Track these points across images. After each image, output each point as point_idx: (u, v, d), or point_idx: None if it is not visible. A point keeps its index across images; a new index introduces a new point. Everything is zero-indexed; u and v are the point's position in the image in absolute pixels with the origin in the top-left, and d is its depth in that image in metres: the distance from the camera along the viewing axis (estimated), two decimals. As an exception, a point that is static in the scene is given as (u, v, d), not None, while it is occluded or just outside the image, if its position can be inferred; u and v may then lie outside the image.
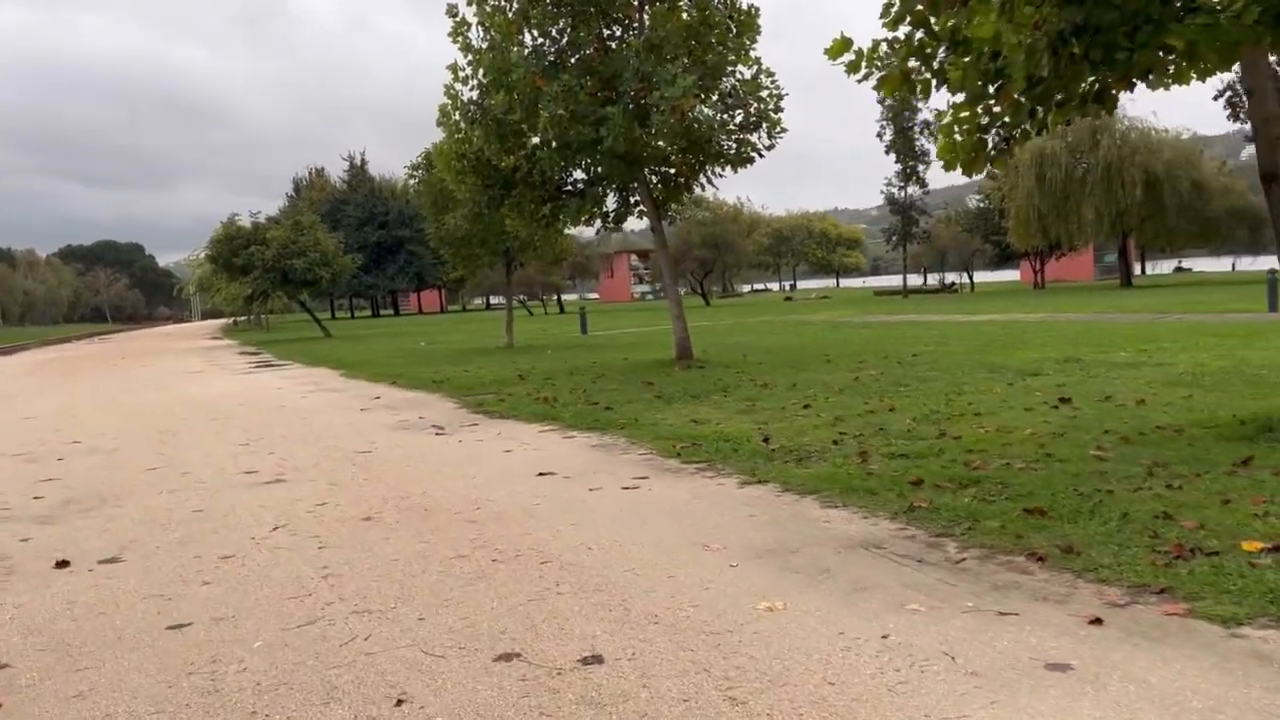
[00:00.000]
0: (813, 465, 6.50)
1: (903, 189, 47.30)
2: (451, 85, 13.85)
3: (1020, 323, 21.20)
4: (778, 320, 30.34)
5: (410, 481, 6.95)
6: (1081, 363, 11.74)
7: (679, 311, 14.89)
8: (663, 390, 11.42)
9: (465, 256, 23.07)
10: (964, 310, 29.22)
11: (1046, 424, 7.42)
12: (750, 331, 24.22)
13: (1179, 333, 15.38)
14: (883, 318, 27.65)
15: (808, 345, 17.76)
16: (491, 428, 9.59)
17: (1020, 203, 42.57)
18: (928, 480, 5.66)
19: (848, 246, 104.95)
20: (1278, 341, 12.85)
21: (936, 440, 7.01)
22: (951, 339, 17.02)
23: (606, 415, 9.63)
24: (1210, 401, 7.96)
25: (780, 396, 10.23)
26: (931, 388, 10.21)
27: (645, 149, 13.00)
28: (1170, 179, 40.68)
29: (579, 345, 22.97)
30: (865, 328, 23.00)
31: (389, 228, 77.93)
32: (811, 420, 8.43)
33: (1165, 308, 23.11)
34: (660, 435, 8.18)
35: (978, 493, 5.33)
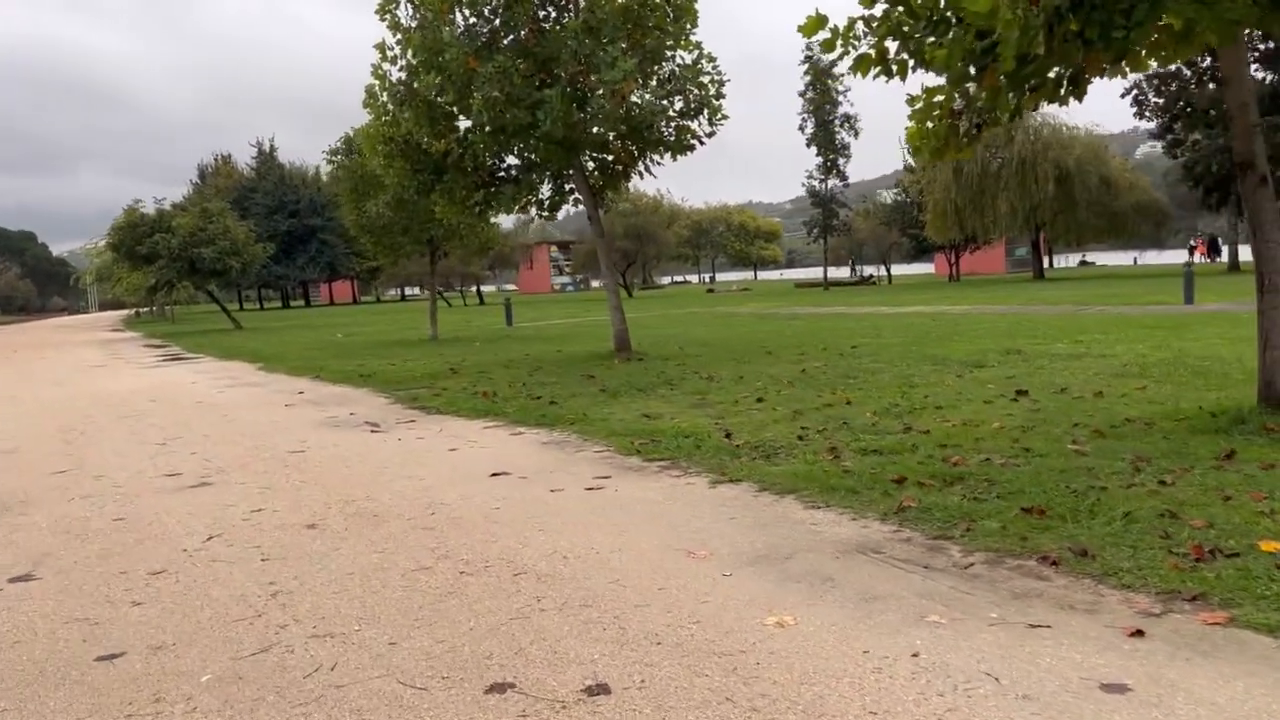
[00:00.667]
0: (783, 462, 6.22)
1: (823, 182, 47.68)
2: (379, 65, 13.24)
3: (947, 315, 21.38)
4: (705, 312, 30.20)
5: (352, 484, 6.46)
6: (1023, 354, 11.74)
7: (617, 303, 14.53)
8: (606, 384, 11.05)
9: (387, 245, 22.32)
10: (888, 302, 29.47)
11: (1011, 417, 7.28)
12: (680, 323, 23.98)
13: (1107, 324, 15.60)
14: (809, 309, 27.71)
15: (743, 337, 17.58)
16: (431, 424, 9.10)
17: (938, 196, 43.28)
18: (910, 478, 5.42)
19: (765, 239, 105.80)
20: (1206, 333, 13.07)
21: (904, 435, 6.80)
22: (885, 331, 17.01)
23: (552, 410, 9.23)
24: (1166, 393, 7.93)
25: (729, 390, 9.96)
26: (881, 380, 10.05)
27: (583, 134, 12.59)
28: (1080, 174, 41.77)
29: (506, 337, 22.44)
30: (795, 320, 22.96)
31: (300, 216, 75.78)
32: (768, 414, 8.17)
33: (1085, 300, 23.59)
34: (614, 431, 7.82)
35: (965, 491, 5.10)
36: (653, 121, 12.42)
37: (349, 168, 21.24)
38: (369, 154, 14.38)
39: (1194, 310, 18.14)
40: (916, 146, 6.76)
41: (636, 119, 12.34)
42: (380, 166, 14.23)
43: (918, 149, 6.79)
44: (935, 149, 6.71)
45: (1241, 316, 15.63)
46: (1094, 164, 42.69)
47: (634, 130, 12.64)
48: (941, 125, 6.37)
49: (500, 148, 13.18)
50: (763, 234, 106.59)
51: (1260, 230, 5.99)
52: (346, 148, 21.40)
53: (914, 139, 6.67)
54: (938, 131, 6.48)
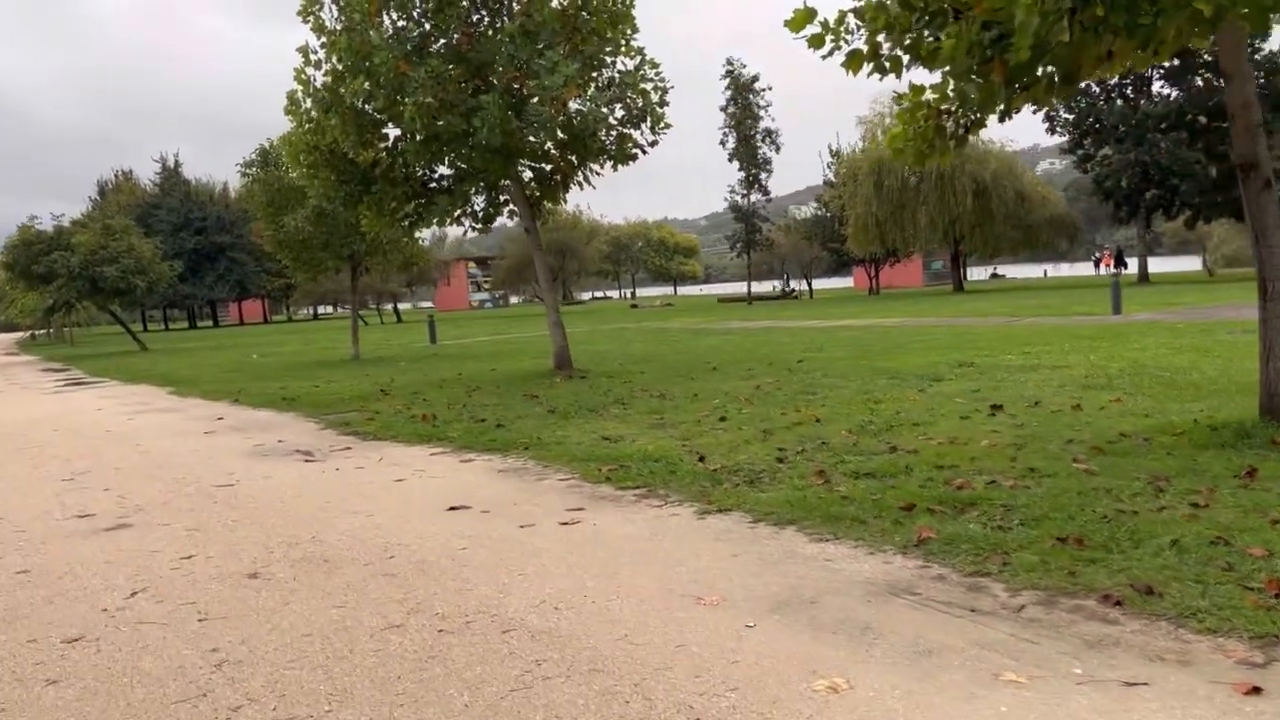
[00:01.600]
0: (769, 488, 5.75)
1: (745, 196, 47.75)
2: (302, 70, 12.48)
3: (880, 328, 21.30)
4: (634, 327, 29.76)
5: (293, 522, 5.79)
6: (976, 367, 11.53)
7: (557, 318, 13.95)
8: (553, 404, 10.48)
9: (306, 261, 21.33)
10: (816, 316, 29.44)
11: (996, 434, 6.94)
12: (612, 339, 23.48)
13: (1046, 335, 15.58)
14: (740, 324, 27.47)
15: (681, 352, 17.16)
16: (369, 452, 8.42)
17: (859, 210, 43.68)
18: (918, 504, 5.00)
19: (685, 255, 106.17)
20: (1148, 343, 13.06)
21: (892, 455, 6.40)
22: (825, 345, 16.76)
23: (501, 434, 8.62)
24: (1146, 405, 7.70)
25: (686, 408, 9.49)
26: (842, 396, 9.69)
27: (522, 142, 12.03)
28: (997, 188, 42.62)
29: (433, 356, 21.64)
30: (729, 334, 22.65)
31: (207, 233, 73.19)
32: (737, 434, 7.70)
33: (1013, 311, 23.80)
34: (575, 456, 7.27)
35: (983, 518, 4.69)
36: (595, 129, 11.92)
37: (265, 180, 20.25)
38: (291, 164, 13.57)
39: (1124, 320, 18.33)
40: (900, 149, 6.39)
41: (578, 127, 11.83)
42: (304, 177, 13.44)
43: (900, 151, 6.43)
44: (919, 152, 6.36)
45: (1176, 326, 15.79)
46: (1009, 178, 43.62)
47: (575, 139, 12.12)
48: (929, 126, 6.01)
49: (433, 157, 12.52)
50: (682, 250, 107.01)
51: (1264, 235, 5.76)
52: (262, 159, 20.41)
53: (898, 141, 6.31)
54: (924, 133, 6.12)
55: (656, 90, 12.35)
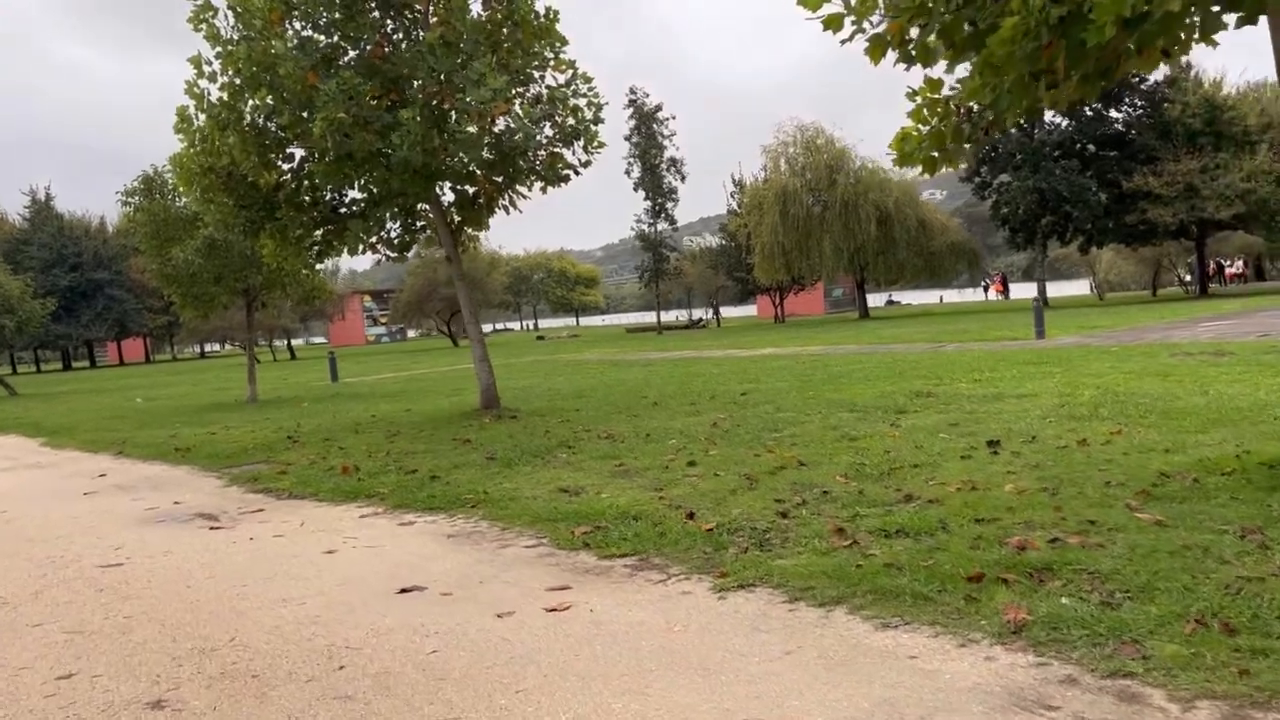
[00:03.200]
0: (787, 553, 4.86)
1: (652, 225, 47.26)
2: (194, 83, 11.20)
3: (806, 356, 20.75)
4: (548, 360, 28.68)
5: (205, 618, 4.64)
6: (936, 397, 10.91)
7: (483, 353, 12.85)
8: (490, 449, 9.41)
9: (196, 296, 19.65)
10: (733, 345, 28.86)
11: (1013, 475, 6.20)
12: (530, 373, 22.38)
13: (984, 361, 15.16)
14: (659, 355, 26.69)
15: (610, 386, 16.21)
16: (287, 514, 7.23)
17: (766, 239, 43.54)
18: (986, 572, 4.16)
19: (586, 285, 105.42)
20: (1098, 367, 12.68)
21: (911, 506, 5.58)
22: (760, 376, 16.04)
23: (440, 488, 7.54)
24: (1154, 439, 7.08)
25: (644, 451, 8.55)
26: (809, 432, 8.89)
27: (445, 162, 10.98)
28: (900, 216, 43.04)
29: (337, 395, 20.19)
30: (651, 366, 21.81)
31: (83, 270, 69.21)
32: (716, 483, 6.80)
33: (933, 337, 23.59)
34: (536, 515, 6.26)
35: (1071, 589, 3.89)
36: (527, 148, 10.95)
37: (149, 209, 18.62)
38: (184, 188, 12.20)
39: (1050, 345, 18.14)
40: (908, 153, 5.63)
41: (508, 145, 10.85)
42: (197, 202, 12.09)
43: (908, 156, 5.67)
44: (928, 159, 5.61)
45: (1112, 350, 15.56)
46: (911, 206, 44.14)
47: (504, 158, 11.14)
48: (948, 126, 5.26)
49: (345, 178, 11.36)
50: (583, 280, 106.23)
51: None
52: (146, 187, 18.78)
53: (908, 144, 5.54)
54: (939, 135, 5.37)
55: (590, 106, 11.47)
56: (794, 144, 44.38)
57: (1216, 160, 37.50)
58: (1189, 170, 37.29)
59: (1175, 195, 37.49)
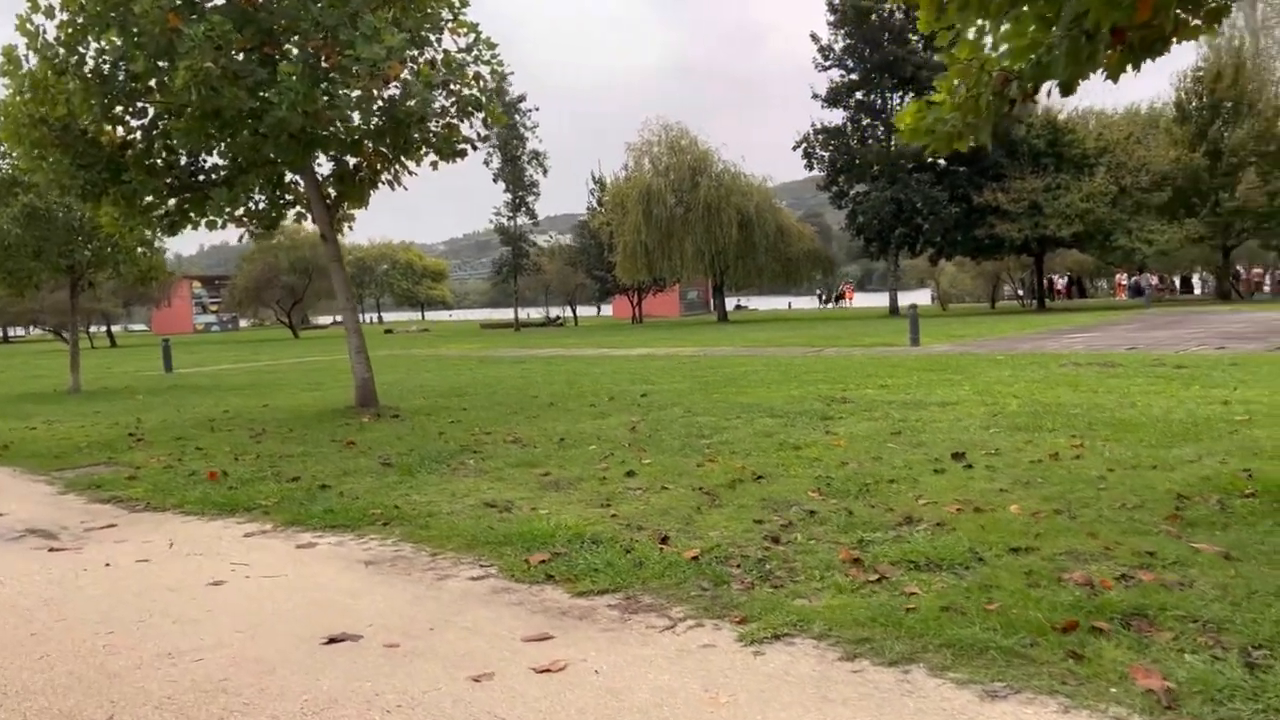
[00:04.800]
0: (805, 590, 4.07)
1: (512, 219, 45.95)
2: (27, 18, 9.53)
3: (684, 357, 20.17)
4: (405, 354, 27.12)
5: (64, 684, 3.47)
6: (852, 402, 10.40)
7: (360, 344, 11.58)
8: (381, 453, 8.28)
9: (10, 272, 17.36)
10: (604, 345, 28.09)
11: (1006, 494, 5.61)
12: (390, 368, 20.91)
13: (876, 367, 14.89)
14: (528, 352, 25.63)
15: (492, 384, 15.12)
16: (148, 530, 5.96)
17: (628, 237, 43.01)
18: (1078, 620, 3.48)
19: (433, 279, 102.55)
20: (999, 375, 12.52)
21: (918, 531, 4.89)
22: (651, 376, 15.30)
23: (336, 500, 6.41)
24: (1125, 455, 6.67)
25: (565, 459, 7.62)
26: (740, 438, 8.16)
27: (330, 127, 9.72)
28: (760, 221, 43.34)
29: (175, 387, 18.27)
30: (523, 363, 20.76)
31: None
32: (671, 498, 5.96)
33: (808, 342, 23.46)
34: (469, 536, 5.26)
35: (1188, 643, 3.25)
36: (425, 115, 9.81)
37: (-45, 169, 16.29)
38: (8, 142, 10.41)
39: (927, 352, 18.16)
40: (925, 128, 4.95)
41: (401, 112, 9.68)
42: (25, 159, 10.33)
43: (922, 132, 5.00)
44: (946, 135, 4.95)
45: (996, 358, 15.57)
46: (770, 211, 44.56)
47: (396, 126, 9.95)
48: (984, 93, 4.60)
49: (208, 140, 9.92)
50: (430, 273, 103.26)
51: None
52: (-48, 143, 16.42)
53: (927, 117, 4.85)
54: (970, 104, 4.70)
55: (494, 75, 10.42)
56: (658, 143, 44.09)
57: (1058, 180, 39.32)
58: (1034, 188, 38.95)
59: (1021, 212, 39.10)
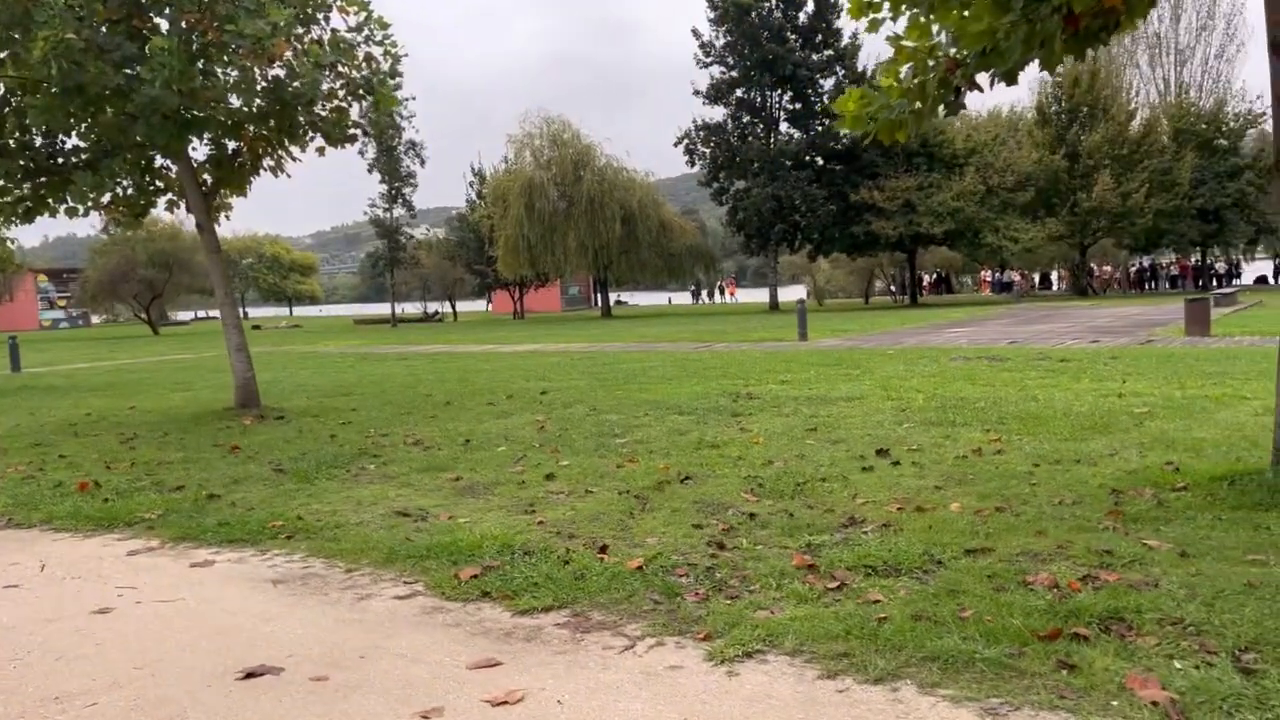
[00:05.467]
0: (764, 600, 3.84)
1: (388, 211, 44.61)
2: None
3: (576, 353, 19.87)
4: (278, 351, 25.92)
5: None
6: (758, 398, 10.30)
7: (241, 341, 10.84)
8: (270, 458, 7.71)
9: None
10: (490, 341, 27.49)
11: (941, 491, 5.53)
12: (265, 366, 19.85)
13: (772, 362, 14.90)
14: (409, 349, 24.85)
15: (379, 383, 14.47)
16: (13, 550, 5.32)
17: (510, 231, 42.27)
18: (1059, 627, 3.34)
19: (302, 273, 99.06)
20: (895, 369, 12.66)
21: (865, 532, 4.73)
22: (547, 373, 14.93)
23: (230, 512, 5.88)
24: (1045, 449, 6.71)
25: (474, 461, 7.23)
26: (654, 436, 7.93)
27: (206, 107, 9.02)
28: (643, 217, 43.25)
29: (25, 388, 16.91)
30: (408, 360, 20.05)
31: None
32: (596, 502, 5.66)
33: (697, 337, 23.45)
34: (385, 549, 4.84)
35: (1173, 648, 3.14)
36: (313, 97, 9.20)
37: None
38: None
39: (816, 346, 18.34)
40: (866, 115, 4.79)
41: (291, 92, 9.06)
42: None
43: (862, 119, 4.83)
44: (889, 123, 4.80)
45: (887, 353, 15.80)
46: (653, 208, 44.53)
47: (283, 108, 9.31)
48: (934, 80, 4.47)
49: (69, 119, 9.09)
50: (298, 267, 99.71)
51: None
52: None
53: (870, 104, 4.69)
54: (918, 90, 4.56)
55: (387, 57, 9.88)
56: (540, 136, 43.50)
57: (930, 179, 40.57)
58: (908, 187, 40.09)
59: (896, 210, 40.19)
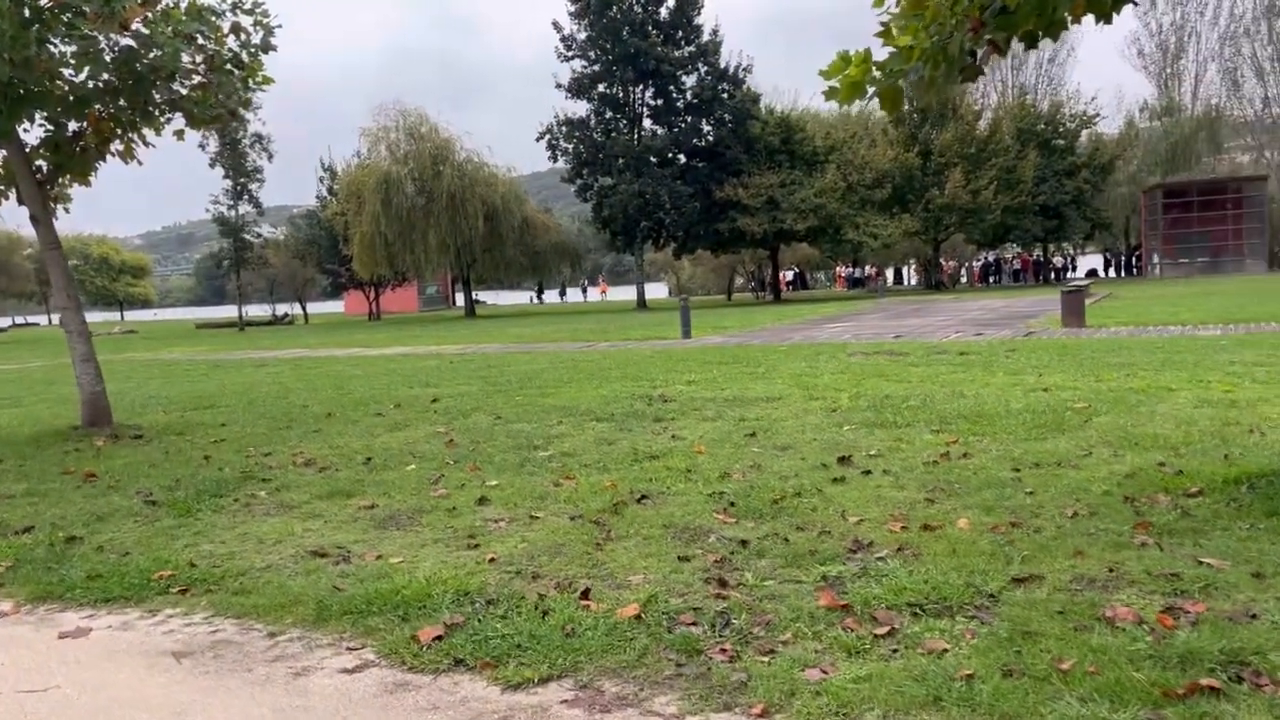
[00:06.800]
0: (807, 655, 3.20)
1: (233, 208, 41.95)
2: None
3: (453, 356, 18.84)
4: (119, 359, 23.72)
5: None
6: (674, 401, 9.69)
7: (88, 350, 9.47)
8: (139, 487, 6.59)
9: None
10: (352, 344, 25.98)
11: (932, 504, 5.01)
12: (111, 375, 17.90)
13: (670, 362, 14.33)
14: (265, 354, 23.18)
15: (243, 393, 13.14)
16: None
17: (366, 228, 40.38)
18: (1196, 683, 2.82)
19: (134, 275, 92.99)
20: (796, 367, 12.28)
21: (878, 559, 4.15)
22: (426, 379, 13.91)
23: (96, 558, 4.84)
24: (1017, 452, 6.31)
25: (383, 484, 6.32)
26: (581, 448, 7.20)
27: (44, 80, 7.74)
28: (506, 213, 42.13)
29: None
30: (267, 367, 18.56)
31: None
32: (548, 532, 4.90)
33: (577, 336, 22.70)
34: (311, 603, 3.97)
35: None
36: (174, 69, 8.03)
37: None
38: None
39: (700, 344, 17.94)
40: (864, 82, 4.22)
41: (147, 64, 7.86)
42: None
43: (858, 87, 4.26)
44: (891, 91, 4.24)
45: (780, 349, 15.48)
46: (516, 204, 43.48)
47: (137, 83, 8.08)
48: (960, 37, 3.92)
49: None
50: (130, 269, 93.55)
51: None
52: None
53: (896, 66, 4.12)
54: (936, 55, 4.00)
55: (258, 27, 8.76)
56: (396, 129, 41.78)
57: (792, 177, 41.01)
58: (771, 184, 40.40)
59: (760, 206, 40.44)
